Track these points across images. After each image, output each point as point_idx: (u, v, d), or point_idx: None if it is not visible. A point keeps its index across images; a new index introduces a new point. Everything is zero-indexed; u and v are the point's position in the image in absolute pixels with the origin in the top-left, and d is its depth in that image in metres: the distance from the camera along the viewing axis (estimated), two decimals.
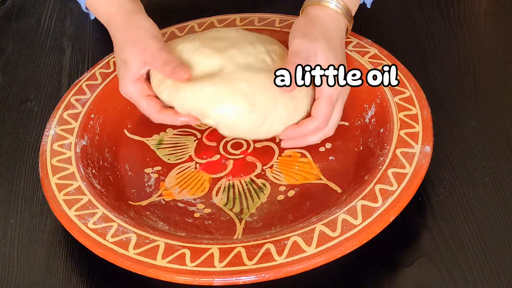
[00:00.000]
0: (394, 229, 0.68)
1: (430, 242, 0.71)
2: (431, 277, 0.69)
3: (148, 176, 0.81)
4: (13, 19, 1.10)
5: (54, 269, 0.73)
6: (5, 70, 1.00)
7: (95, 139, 0.82)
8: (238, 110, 0.76)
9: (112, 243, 0.68)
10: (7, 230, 0.78)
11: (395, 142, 0.75)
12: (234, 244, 0.67)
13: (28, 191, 0.82)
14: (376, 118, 0.80)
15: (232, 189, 0.79)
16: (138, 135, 0.86)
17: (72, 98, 0.85)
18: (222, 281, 0.65)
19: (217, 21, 0.94)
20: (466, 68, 0.91)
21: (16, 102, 0.94)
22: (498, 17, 0.99)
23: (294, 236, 0.67)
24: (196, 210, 0.77)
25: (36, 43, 1.04)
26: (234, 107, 0.76)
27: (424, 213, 0.74)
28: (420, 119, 0.77)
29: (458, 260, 0.70)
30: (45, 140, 0.80)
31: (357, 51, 0.86)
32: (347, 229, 0.67)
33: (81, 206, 0.72)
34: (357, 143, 0.81)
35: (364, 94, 0.82)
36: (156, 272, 0.66)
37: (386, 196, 0.69)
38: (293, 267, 0.65)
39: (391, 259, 0.71)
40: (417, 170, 0.71)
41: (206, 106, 0.77)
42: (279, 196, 0.77)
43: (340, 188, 0.76)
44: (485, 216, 0.73)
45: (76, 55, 1.01)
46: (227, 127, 0.78)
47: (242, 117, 0.77)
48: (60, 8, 1.11)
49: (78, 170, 0.76)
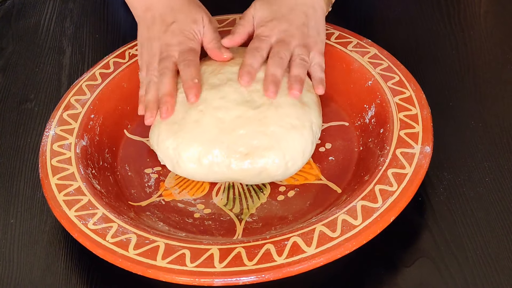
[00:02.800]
0: (394, 229, 0.68)
1: (430, 242, 0.71)
2: (431, 277, 0.69)
3: (148, 176, 0.81)
4: (13, 19, 1.10)
5: (54, 269, 0.73)
6: (5, 70, 1.00)
7: (95, 139, 0.82)
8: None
9: (112, 243, 0.68)
10: (7, 230, 0.78)
11: (395, 142, 0.75)
12: (234, 245, 0.67)
13: (28, 191, 0.82)
14: (376, 118, 0.80)
15: (232, 189, 0.79)
16: (138, 135, 0.86)
17: (72, 98, 0.85)
18: (222, 282, 0.65)
19: (216, 22, 0.94)
20: (466, 68, 0.91)
21: (16, 102, 0.94)
22: (498, 17, 0.99)
23: (294, 236, 0.67)
24: (196, 211, 0.77)
25: (36, 43, 1.04)
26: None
27: (424, 213, 0.74)
28: (420, 119, 0.77)
29: (458, 260, 0.70)
30: (45, 140, 0.80)
31: (357, 51, 0.86)
32: (347, 229, 0.67)
33: (81, 207, 0.72)
34: (357, 143, 0.81)
35: (364, 94, 0.82)
36: (156, 272, 0.66)
37: (386, 196, 0.69)
38: (293, 268, 0.65)
39: (391, 259, 0.71)
40: (417, 170, 0.71)
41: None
42: (279, 196, 0.77)
43: (340, 189, 0.76)
44: (485, 216, 0.73)
45: (76, 55, 1.01)
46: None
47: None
48: (60, 8, 1.11)
49: (78, 170, 0.76)
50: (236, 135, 0.76)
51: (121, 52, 0.91)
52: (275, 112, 0.77)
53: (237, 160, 0.75)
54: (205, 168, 0.76)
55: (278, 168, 0.76)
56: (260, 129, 0.76)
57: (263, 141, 0.75)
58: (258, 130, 0.76)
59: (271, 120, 0.76)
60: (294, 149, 0.76)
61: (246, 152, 0.75)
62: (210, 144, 0.76)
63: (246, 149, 0.75)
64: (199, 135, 0.76)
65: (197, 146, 0.76)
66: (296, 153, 0.76)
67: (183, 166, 0.77)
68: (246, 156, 0.75)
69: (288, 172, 0.77)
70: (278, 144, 0.75)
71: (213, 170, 0.76)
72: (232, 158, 0.75)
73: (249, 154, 0.75)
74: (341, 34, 0.89)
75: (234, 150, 0.75)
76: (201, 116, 0.77)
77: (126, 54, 0.91)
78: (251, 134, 0.76)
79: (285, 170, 0.76)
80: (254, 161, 0.75)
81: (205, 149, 0.76)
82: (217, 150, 0.76)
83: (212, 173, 0.77)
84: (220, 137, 0.76)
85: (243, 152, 0.75)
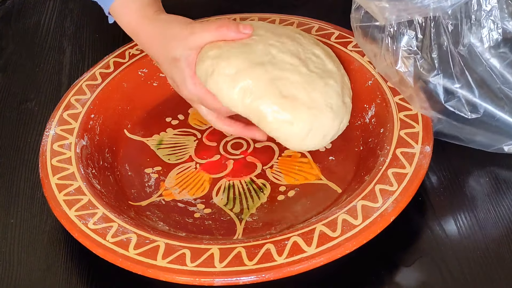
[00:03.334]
0: (394, 229, 0.68)
1: (430, 242, 0.71)
2: (431, 277, 0.69)
3: (148, 176, 0.81)
4: (13, 19, 1.10)
5: (54, 269, 0.73)
6: (5, 70, 1.00)
7: (95, 139, 0.82)
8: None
9: (112, 243, 0.68)
10: (7, 230, 0.78)
11: (395, 142, 0.75)
12: (234, 245, 0.67)
13: (28, 191, 0.82)
14: (376, 118, 0.80)
15: (232, 189, 0.79)
16: (138, 135, 0.86)
17: (72, 98, 0.85)
18: (222, 281, 0.65)
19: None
20: None
21: (16, 102, 0.94)
22: None
23: (294, 236, 0.67)
24: (196, 210, 0.77)
25: (36, 43, 1.04)
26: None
27: (424, 213, 0.74)
28: (420, 119, 0.77)
29: (459, 260, 0.70)
30: (45, 140, 0.80)
31: (357, 51, 0.86)
32: (347, 229, 0.67)
33: (81, 207, 0.72)
34: (357, 143, 0.81)
35: (364, 94, 0.82)
36: (156, 272, 0.66)
37: (386, 196, 0.69)
38: (293, 267, 0.65)
39: (391, 259, 0.71)
40: (417, 170, 0.71)
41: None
42: (279, 196, 0.77)
43: (340, 188, 0.76)
44: (485, 216, 0.73)
45: (76, 55, 1.01)
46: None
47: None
48: (60, 8, 1.11)
49: (78, 170, 0.76)
50: (282, 75, 0.74)
51: (121, 52, 0.91)
52: (323, 86, 0.75)
53: (270, 99, 0.73)
54: (236, 89, 0.73)
55: (298, 132, 0.73)
56: (306, 86, 0.74)
57: (303, 97, 0.73)
58: (303, 86, 0.74)
59: (318, 87, 0.75)
60: (321, 127, 0.74)
61: (284, 95, 0.73)
62: (254, 66, 0.74)
63: (286, 93, 0.73)
64: (246, 54, 0.74)
65: (240, 62, 0.74)
66: (320, 132, 0.75)
67: (216, 77, 0.74)
68: (282, 99, 0.73)
69: (298, 144, 0.75)
70: (313, 110, 0.74)
71: (240, 96, 0.73)
72: (269, 95, 0.73)
73: (286, 100, 0.73)
74: (341, 34, 0.89)
75: (276, 86, 0.73)
76: (253, 42, 0.75)
77: (126, 54, 0.91)
78: (296, 84, 0.74)
79: (299, 141, 0.74)
80: (284, 108, 0.73)
81: (246, 68, 0.73)
82: (256, 74, 0.73)
83: (238, 100, 0.74)
84: (267, 66, 0.74)
85: (281, 94, 0.73)
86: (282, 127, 0.74)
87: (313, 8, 1.01)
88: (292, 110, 0.73)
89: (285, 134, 0.74)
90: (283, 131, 0.74)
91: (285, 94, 0.73)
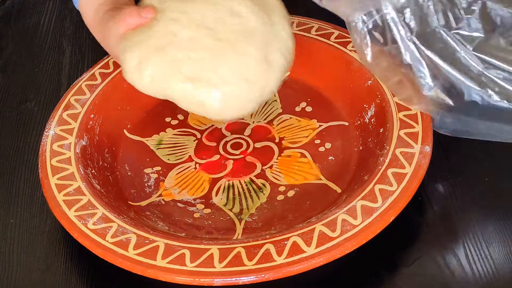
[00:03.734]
0: (394, 229, 0.68)
1: (430, 242, 0.71)
2: (431, 277, 0.69)
3: (148, 176, 0.81)
4: (13, 19, 1.10)
5: (53, 269, 0.73)
6: (5, 70, 1.00)
7: (94, 139, 0.82)
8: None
9: (112, 243, 0.68)
10: (7, 230, 0.78)
11: (394, 142, 0.75)
12: (234, 245, 0.67)
13: (28, 191, 0.82)
14: (375, 118, 0.80)
15: (232, 189, 0.79)
16: (138, 135, 0.86)
17: (72, 98, 0.85)
18: (222, 282, 0.65)
19: None
20: None
21: (15, 102, 0.94)
22: None
23: (294, 236, 0.67)
24: (196, 210, 0.77)
25: (36, 43, 1.04)
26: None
27: (424, 213, 0.74)
28: (420, 119, 0.77)
29: (459, 260, 0.70)
30: (44, 140, 0.80)
31: None
32: (347, 229, 0.67)
33: (80, 207, 0.72)
34: (357, 143, 0.81)
35: (364, 94, 0.82)
36: (156, 272, 0.66)
37: (386, 196, 0.69)
38: (293, 268, 0.65)
39: (391, 259, 0.71)
40: (417, 170, 0.71)
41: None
42: (279, 196, 0.77)
43: (340, 188, 0.76)
44: (485, 216, 0.73)
45: (76, 55, 1.01)
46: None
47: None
48: (60, 8, 1.11)
49: (77, 170, 0.76)
50: (183, 56, 0.72)
51: None
52: (235, 57, 0.72)
53: (176, 83, 0.72)
54: (145, 79, 0.73)
55: (212, 111, 0.72)
56: (211, 62, 0.72)
57: (208, 75, 0.71)
58: (207, 63, 0.72)
59: (228, 60, 0.72)
60: (236, 102, 0.72)
61: (189, 77, 0.71)
62: (153, 52, 0.72)
63: (190, 74, 0.71)
64: (145, 39, 0.73)
65: (141, 50, 0.73)
66: (236, 105, 0.72)
67: (127, 71, 0.74)
68: (186, 82, 0.71)
69: (218, 118, 0.74)
70: (222, 88, 0.71)
71: (152, 85, 0.73)
72: (173, 79, 0.71)
73: (191, 82, 0.71)
74: (341, 34, 0.89)
75: (177, 69, 0.71)
76: (155, 23, 0.74)
77: None
78: (201, 61, 0.72)
79: (217, 116, 0.73)
80: (190, 92, 0.71)
81: (147, 55, 0.72)
82: (157, 60, 0.72)
83: (152, 89, 0.73)
84: (167, 48, 0.72)
85: (186, 76, 0.71)
86: (196, 109, 0.73)
87: (313, 8, 1.01)
88: (199, 92, 0.71)
89: (202, 113, 0.74)
90: (199, 111, 0.73)
91: (190, 76, 0.72)
